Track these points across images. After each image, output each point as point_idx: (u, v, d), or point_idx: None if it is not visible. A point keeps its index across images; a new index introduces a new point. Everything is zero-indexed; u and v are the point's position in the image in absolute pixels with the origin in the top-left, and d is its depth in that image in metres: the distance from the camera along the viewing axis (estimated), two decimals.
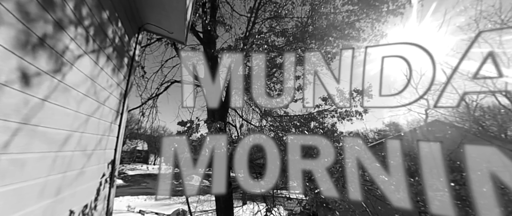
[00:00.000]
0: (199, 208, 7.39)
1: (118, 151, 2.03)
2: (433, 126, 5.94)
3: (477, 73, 1.59)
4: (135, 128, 5.43)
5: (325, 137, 4.36)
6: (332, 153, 3.35)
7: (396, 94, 2.08)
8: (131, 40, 2.47)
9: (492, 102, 4.37)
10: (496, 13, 3.85)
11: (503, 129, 4.05)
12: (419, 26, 4.97)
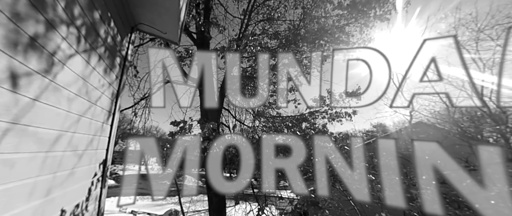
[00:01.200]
0: (192, 208, 7.31)
1: (110, 151, 2.00)
2: (417, 127, 6.19)
3: (423, 77, 1.71)
4: (127, 128, 5.32)
5: (316, 137, 4.45)
6: (323, 153, 3.42)
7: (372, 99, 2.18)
8: (123, 40, 2.44)
9: (469, 105, 4.64)
10: (473, 21, 4.12)
11: (479, 130, 4.31)
12: (404, 31, 5.17)
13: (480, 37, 3.80)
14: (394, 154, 2.37)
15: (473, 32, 3.47)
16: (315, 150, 3.40)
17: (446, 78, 4.24)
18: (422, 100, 5.16)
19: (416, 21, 5.90)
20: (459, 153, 4.61)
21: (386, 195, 2.75)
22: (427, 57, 2.37)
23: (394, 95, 1.90)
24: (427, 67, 1.69)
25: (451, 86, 3.95)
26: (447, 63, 1.98)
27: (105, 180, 1.86)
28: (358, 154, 3.24)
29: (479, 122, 4.57)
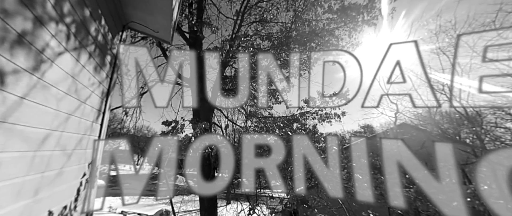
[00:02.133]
0: (183, 208, 7.20)
1: (99, 150, 1.96)
2: (401, 128, 6.47)
3: (390, 79, 1.83)
4: (117, 127, 5.18)
5: (306, 138, 4.54)
6: (313, 153, 3.50)
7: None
8: (114, 38, 2.39)
9: (449, 108, 4.93)
10: (452, 28, 4.40)
11: (457, 131, 4.58)
12: (390, 36, 5.39)
13: (458, 44, 4.05)
14: (380, 154, 2.46)
15: (452, 39, 3.70)
16: (305, 150, 3.47)
17: (428, 82, 4.46)
18: (406, 103, 5.41)
19: (401, 27, 6.20)
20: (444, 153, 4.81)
21: (372, 193, 2.85)
22: (411, 60, 2.49)
23: (365, 96, 2.01)
24: (393, 70, 1.80)
25: (431, 89, 4.17)
26: (428, 68, 2.10)
27: (94, 180, 1.82)
28: (347, 154, 3.34)
29: (458, 123, 4.85)
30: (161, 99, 2.84)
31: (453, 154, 2.26)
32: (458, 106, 3.81)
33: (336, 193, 4.74)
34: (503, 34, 3.41)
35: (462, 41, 3.80)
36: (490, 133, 4.97)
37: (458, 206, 2.17)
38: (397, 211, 7.02)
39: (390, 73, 1.83)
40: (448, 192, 2.47)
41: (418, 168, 2.52)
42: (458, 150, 4.89)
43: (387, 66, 2.11)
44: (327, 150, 3.88)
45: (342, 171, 4.38)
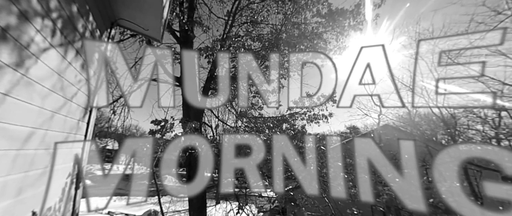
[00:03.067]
0: (171, 208, 7.03)
1: (86, 150, 1.90)
2: (384, 129, 6.79)
3: (361, 80, 1.96)
4: (105, 126, 4.97)
5: (295, 138, 4.64)
6: (301, 152, 3.58)
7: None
8: (103, 35, 2.33)
9: (427, 110, 5.27)
10: (430, 36, 4.73)
11: (434, 132, 4.90)
12: (374, 41, 5.64)
13: (435, 50, 4.35)
14: (364, 154, 2.57)
15: (430, 45, 3.98)
16: (294, 149, 3.54)
17: (408, 85, 4.74)
18: (388, 105, 5.68)
19: (384, 32, 6.53)
20: (418, 153, 5.10)
21: (356, 192, 2.94)
22: (392, 64, 2.62)
23: (340, 96, 2.12)
24: (364, 72, 1.92)
25: (412, 92, 4.45)
26: (408, 71, 2.25)
27: (80, 180, 1.76)
28: (333, 154, 3.46)
29: (435, 125, 5.17)
30: (150, 98, 2.80)
31: (429, 154, 2.39)
32: (433, 106, 4.08)
33: (323, 192, 4.88)
34: (472, 41, 3.73)
35: (439, 48, 4.10)
36: (463, 135, 5.36)
37: (434, 203, 2.29)
38: (379, 208, 7.32)
39: (361, 75, 1.95)
40: (424, 190, 2.61)
41: (398, 167, 2.64)
42: (434, 150, 5.22)
43: (364, 68, 2.23)
44: (314, 149, 3.98)
45: (329, 170, 4.50)
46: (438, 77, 4.18)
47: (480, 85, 4.78)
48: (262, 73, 4.97)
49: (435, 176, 2.06)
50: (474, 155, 2.05)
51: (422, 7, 11.34)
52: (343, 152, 3.47)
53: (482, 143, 4.08)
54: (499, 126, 4.84)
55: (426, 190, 3.04)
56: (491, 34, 2.80)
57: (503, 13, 4.20)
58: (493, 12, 4.23)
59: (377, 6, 4.50)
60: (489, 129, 5.02)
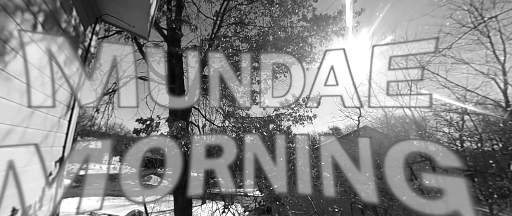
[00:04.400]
0: (156, 209, 6.81)
1: (67, 148, 1.82)
2: (363, 130, 7.18)
3: (326, 81, 2.14)
4: (87, 124, 4.69)
5: (281, 138, 4.75)
6: (286, 153, 3.68)
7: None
8: (86, 31, 2.24)
9: (401, 113, 5.70)
10: (404, 43, 5.15)
11: (407, 134, 5.32)
12: (355, 46, 5.95)
13: (409, 58, 4.73)
14: (345, 154, 2.70)
15: (404, 52, 4.34)
16: (280, 149, 3.64)
17: (385, 89, 5.08)
18: (368, 108, 6.07)
19: (364, 38, 6.96)
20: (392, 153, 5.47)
21: (337, 190, 3.08)
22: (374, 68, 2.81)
23: (307, 98, 2.29)
24: (328, 74, 2.08)
25: (388, 97, 4.80)
26: (385, 76, 2.45)
27: (61, 179, 1.69)
28: (316, 154, 3.59)
29: (408, 127, 5.60)
30: (135, 97, 2.74)
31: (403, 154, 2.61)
32: (405, 106, 4.43)
33: (307, 191, 5.04)
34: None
35: (412, 55, 4.47)
36: (432, 136, 5.85)
37: (407, 200, 2.50)
38: (358, 206, 7.71)
39: (326, 77, 2.10)
40: (398, 188, 2.84)
41: (375, 166, 2.80)
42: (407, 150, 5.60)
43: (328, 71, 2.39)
44: (299, 149, 4.11)
45: (312, 169, 4.68)
46: (411, 82, 4.55)
47: (446, 91, 5.26)
48: (249, 74, 5.03)
49: (386, 172, 2.27)
50: (415, 150, 2.28)
51: (398, 16, 12.16)
52: (325, 152, 3.59)
53: (421, 140, 4.52)
54: (462, 128, 5.36)
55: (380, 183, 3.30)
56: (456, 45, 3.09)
57: (466, 26, 4.67)
58: (459, 24, 4.69)
59: (358, 14, 4.77)
60: (454, 131, 5.54)
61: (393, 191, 2.51)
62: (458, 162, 2.05)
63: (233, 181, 5.53)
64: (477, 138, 5.15)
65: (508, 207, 6.25)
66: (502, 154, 5.35)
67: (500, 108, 4.44)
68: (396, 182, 2.77)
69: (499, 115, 4.50)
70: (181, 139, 3.43)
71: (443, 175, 2.61)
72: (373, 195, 4.46)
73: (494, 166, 5.39)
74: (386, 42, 5.40)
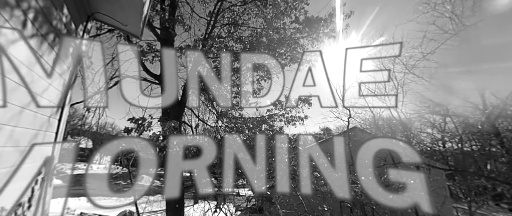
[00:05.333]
0: (148, 209, 6.65)
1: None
2: (353, 131, 7.38)
3: (304, 82, 2.23)
4: (78, 123, 4.51)
5: (273, 139, 4.81)
6: (278, 153, 3.73)
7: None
8: (78, 28, 2.20)
9: (388, 114, 5.92)
10: (391, 47, 5.39)
11: (394, 134, 5.54)
12: (344, 48, 6.11)
13: (395, 62, 4.93)
14: (333, 153, 2.77)
15: (392, 56, 4.52)
16: (272, 150, 3.68)
17: (373, 91, 5.26)
18: (357, 109, 6.27)
19: (353, 39, 7.20)
20: (380, 153, 5.68)
21: (328, 189, 3.16)
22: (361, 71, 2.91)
23: (286, 100, 2.37)
24: (306, 76, 2.18)
25: (376, 98, 4.98)
26: (373, 79, 2.56)
27: (50, 179, 1.65)
28: (307, 154, 3.66)
29: (395, 127, 5.82)
30: (127, 96, 2.70)
31: (389, 154, 2.71)
32: (392, 107, 4.61)
33: (298, 190, 5.11)
34: None
35: (398, 60, 4.66)
36: (417, 137, 6.12)
37: (393, 199, 2.60)
38: (347, 204, 7.90)
39: (304, 78, 2.18)
40: (385, 186, 2.93)
41: (363, 166, 2.89)
42: (393, 150, 5.82)
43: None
44: (290, 150, 4.17)
45: (303, 169, 4.76)
46: (397, 85, 4.74)
47: (430, 94, 5.51)
48: (243, 74, 5.06)
49: (358, 169, 2.37)
50: (382, 147, 2.41)
51: (386, 21, 12.61)
52: (316, 152, 3.66)
53: (387, 137, 4.74)
54: (444, 129, 5.64)
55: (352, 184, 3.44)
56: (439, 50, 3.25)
57: (448, 32, 4.92)
58: (441, 31, 4.94)
59: (347, 16, 4.91)
60: (436, 132, 5.83)
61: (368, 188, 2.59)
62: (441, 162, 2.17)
63: (225, 181, 5.52)
64: (457, 139, 5.43)
65: (485, 204, 6.62)
66: (480, 154, 5.67)
67: (478, 110, 4.71)
68: (382, 181, 2.87)
69: (477, 117, 4.77)
70: (173, 139, 3.40)
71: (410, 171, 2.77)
72: (361, 194, 4.58)
73: (473, 165, 5.71)
74: (357, 45, 5.57)
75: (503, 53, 5.00)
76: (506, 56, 4.94)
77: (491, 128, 4.74)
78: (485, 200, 6.10)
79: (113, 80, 3.24)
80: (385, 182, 3.73)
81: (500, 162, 5.52)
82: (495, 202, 10.77)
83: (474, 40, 4.77)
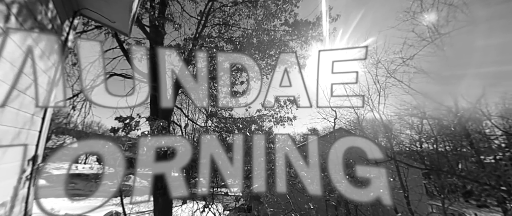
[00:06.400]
0: (135, 209, 6.43)
1: (40, 147, 1.71)
2: (338, 132, 7.67)
3: (281, 83, 2.37)
4: (63, 122, 4.28)
5: (262, 139, 4.88)
6: (267, 153, 3.80)
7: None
8: (64, 24, 2.13)
9: (371, 116, 6.24)
10: (374, 52, 5.73)
11: (377, 135, 5.84)
12: (332, 52, 6.34)
13: (378, 66, 5.20)
14: (320, 154, 2.88)
15: (375, 60, 4.79)
16: (261, 149, 3.74)
17: (357, 94, 5.52)
18: (342, 111, 6.53)
19: (340, 43, 7.49)
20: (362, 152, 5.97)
21: (314, 188, 3.30)
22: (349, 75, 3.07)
23: (274, 100, 2.47)
24: (282, 77, 2.30)
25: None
26: (358, 82, 2.71)
27: (34, 179, 1.59)
28: (296, 154, 3.76)
29: (377, 128, 6.13)
30: (114, 94, 2.64)
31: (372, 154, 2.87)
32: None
33: (285, 189, 5.19)
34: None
35: (381, 64, 4.94)
36: (397, 138, 6.48)
37: (373, 197, 2.76)
38: (332, 203, 8.15)
39: (281, 79, 2.30)
40: (367, 185, 3.10)
41: (347, 165, 3.03)
42: (376, 151, 6.14)
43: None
44: (279, 150, 4.25)
45: (291, 169, 4.88)
46: (380, 88, 5.01)
47: (409, 97, 5.87)
48: (233, 75, 5.08)
49: (330, 167, 2.54)
50: (351, 145, 2.60)
51: (370, 26, 13.18)
52: (304, 152, 3.78)
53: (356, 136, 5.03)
54: (421, 131, 6.03)
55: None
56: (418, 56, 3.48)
57: (426, 40, 5.28)
58: (419, 38, 5.28)
59: (334, 20, 5.10)
60: (414, 133, 6.22)
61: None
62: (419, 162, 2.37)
63: (214, 181, 5.51)
64: (433, 140, 5.82)
65: (456, 201, 7.15)
66: (453, 154, 6.13)
67: (451, 113, 5.09)
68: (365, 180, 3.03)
69: (450, 119, 5.16)
70: (161, 139, 3.36)
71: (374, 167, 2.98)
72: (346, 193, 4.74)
73: (446, 165, 6.15)
74: (331, 48, 5.81)
75: (473, 60, 5.45)
76: (475, 63, 5.39)
77: (462, 130, 5.15)
78: (456, 197, 6.58)
79: (100, 78, 3.12)
80: (355, 179, 3.93)
81: (470, 161, 5.99)
82: (465, 199, 11.63)
83: (448, 48, 5.16)
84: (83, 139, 1.98)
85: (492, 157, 5.03)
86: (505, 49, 4.61)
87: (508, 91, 5.11)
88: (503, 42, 4.86)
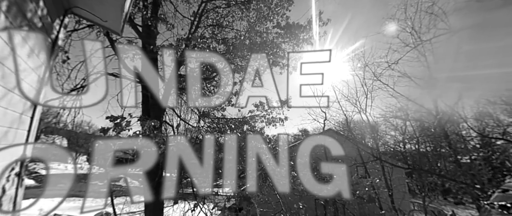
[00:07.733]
0: (126, 210, 6.24)
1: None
2: (327, 133, 7.88)
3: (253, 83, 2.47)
4: (52, 121, 4.09)
5: (254, 139, 4.93)
6: (258, 153, 3.86)
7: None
8: (54, 22, 2.08)
9: (359, 118, 6.47)
10: (363, 56, 5.96)
11: (364, 136, 6.07)
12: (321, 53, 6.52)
13: (366, 69, 5.41)
14: (310, 154, 2.97)
15: (362, 64, 4.97)
16: (252, 150, 3.80)
17: (345, 96, 5.70)
18: (332, 112, 6.72)
19: (329, 46, 7.71)
20: (350, 153, 6.18)
21: (303, 188, 3.39)
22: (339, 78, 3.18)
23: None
24: (255, 77, 2.40)
25: (348, 103, 5.41)
26: (347, 85, 2.82)
27: (22, 179, 1.55)
28: (286, 154, 3.85)
29: (365, 130, 6.35)
30: (105, 94, 2.61)
31: (359, 154, 3.01)
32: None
33: (276, 189, 5.29)
34: None
35: (368, 68, 5.14)
36: (382, 139, 6.76)
37: (360, 195, 2.88)
38: (320, 202, 8.32)
39: (253, 80, 2.40)
40: (354, 184, 3.23)
41: (336, 165, 3.14)
42: (364, 151, 6.38)
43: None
44: (270, 150, 4.31)
45: (282, 169, 4.96)
46: (367, 91, 5.21)
47: (394, 100, 6.13)
48: (226, 75, 5.10)
49: (297, 166, 2.67)
50: (315, 143, 2.75)
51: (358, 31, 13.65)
52: (294, 152, 3.86)
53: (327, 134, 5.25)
54: (405, 132, 6.31)
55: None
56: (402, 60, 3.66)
57: (409, 45, 5.55)
58: (403, 43, 5.55)
59: (324, 24, 5.25)
60: (398, 134, 6.50)
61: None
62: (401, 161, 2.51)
63: (206, 181, 5.47)
64: (415, 141, 6.11)
65: (436, 198, 7.53)
66: (433, 154, 6.45)
67: (431, 115, 5.37)
68: (352, 179, 3.15)
69: (431, 121, 5.44)
70: (153, 139, 3.33)
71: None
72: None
73: (427, 164, 6.47)
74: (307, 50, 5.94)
75: (452, 65, 5.78)
76: (454, 68, 5.72)
77: (442, 131, 5.44)
78: (435, 195, 6.93)
79: (91, 77, 3.04)
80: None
81: (448, 161, 6.34)
82: (444, 196, 12.25)
83: (429, 53, 5.45)
84: (73, 139, 1.92)
85: (468, 157, 5.36)
86: (478, 55, 4.94)
87: (482, 95, 5.47)
88: (478, 48, 5.19)
